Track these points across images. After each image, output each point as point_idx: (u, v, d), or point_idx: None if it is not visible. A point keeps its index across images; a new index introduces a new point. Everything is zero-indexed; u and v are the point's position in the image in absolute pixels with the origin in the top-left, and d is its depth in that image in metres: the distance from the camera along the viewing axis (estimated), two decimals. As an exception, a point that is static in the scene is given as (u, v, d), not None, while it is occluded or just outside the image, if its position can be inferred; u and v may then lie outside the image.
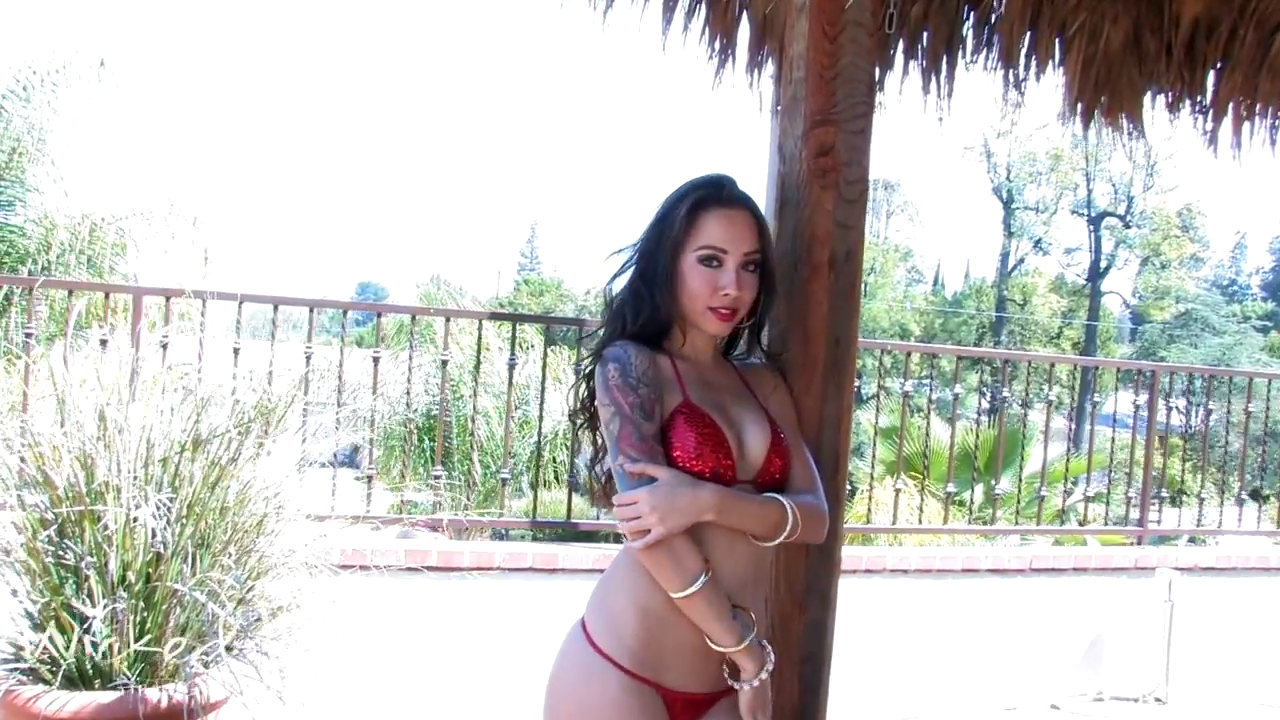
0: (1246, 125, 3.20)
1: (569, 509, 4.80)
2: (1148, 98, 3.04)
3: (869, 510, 6.97)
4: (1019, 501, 6.33)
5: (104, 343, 3.93)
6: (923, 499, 5.82)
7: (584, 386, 2.06)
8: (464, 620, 4.19)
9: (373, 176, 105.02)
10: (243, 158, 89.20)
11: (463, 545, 4.31)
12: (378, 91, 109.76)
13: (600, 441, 2.05)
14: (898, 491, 5.41)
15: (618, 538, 1.93)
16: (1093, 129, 2.99)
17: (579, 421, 2.08)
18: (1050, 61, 2.91)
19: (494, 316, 4.67)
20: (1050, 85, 2.94)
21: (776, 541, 1.93)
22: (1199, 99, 3.11)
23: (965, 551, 5.26)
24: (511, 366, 4.54)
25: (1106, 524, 6.01)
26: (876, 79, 2.13)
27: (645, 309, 1.95)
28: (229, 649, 3.17)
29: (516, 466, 9.94)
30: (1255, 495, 7.59)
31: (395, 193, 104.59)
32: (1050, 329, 40.51)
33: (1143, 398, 5.74)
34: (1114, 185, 40.33)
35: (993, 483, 5.85)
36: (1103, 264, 41.56)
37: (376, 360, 4.27)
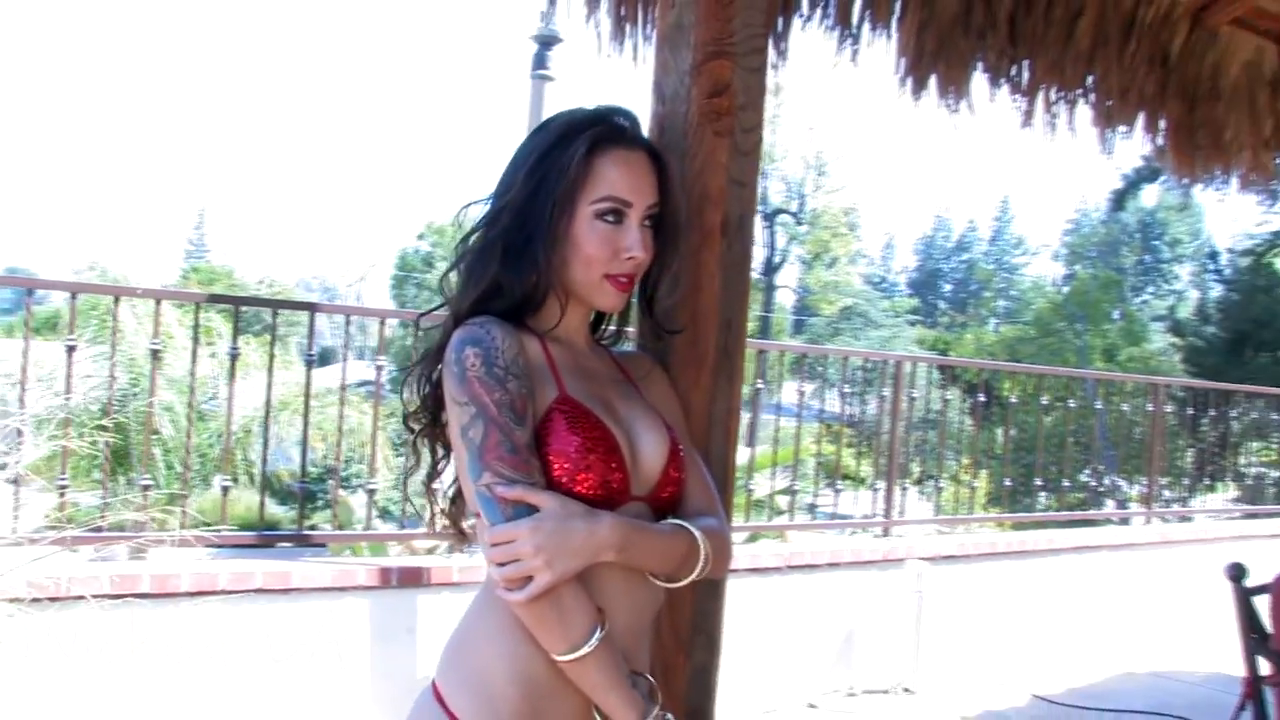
0: (1056, 108, 3.11)
1: (300, 519, 4.21)
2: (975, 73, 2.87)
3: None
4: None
5: None
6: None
7: (422, 379, 1.56)
8: (191, 655, 3.54)
9: (18, 154, 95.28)
10: None
11: (180, 566, 3.63)
12: (22, 65, 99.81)
13: (441, 452, 1.59)
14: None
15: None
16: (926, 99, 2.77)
17: (417, 427, 1.59)
18: (885, 26, 2.66)
19: (214, 299, 3.98)
20: (882, 51, 2.70)
21: (684, 582, 1.53)
22: (1018, 77, 2.97)
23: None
24: (234, 356, 3.89)
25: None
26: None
27: (518, 279, 1.49)
28: None
29: (204, 467, 9.03)
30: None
31: (45, 172, 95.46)
32: (728, 321, 42.10)
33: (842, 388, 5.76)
34: (787, 183, 42.35)
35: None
36: (777, 259, 43.60)
37: (71, 349, 3.50)
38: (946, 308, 61.46)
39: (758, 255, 44.27)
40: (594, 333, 1.66)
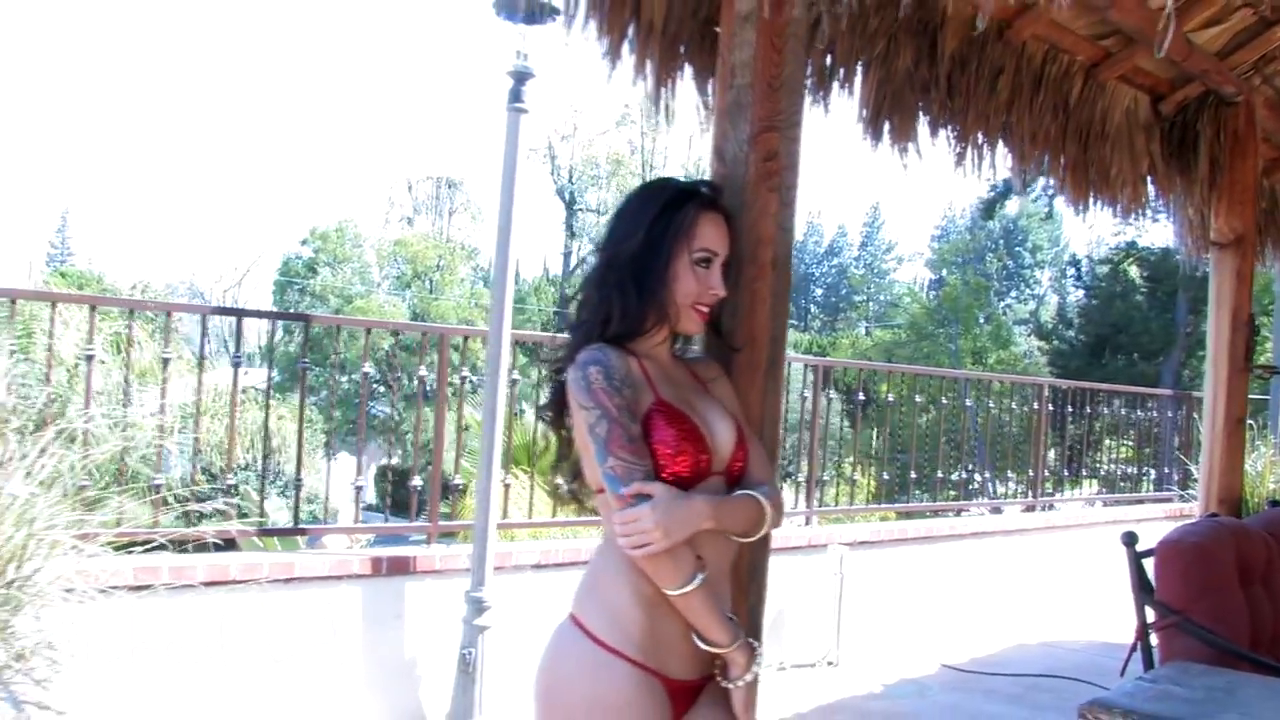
0: (982, 150, 3.68)
1: (295, 516, 4.55)
2: (923, 123, 3.41)
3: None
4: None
5: None
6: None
7: (551, 387, 2.04)
8: (206, 640, 3.87)
9: None
10: None
11: (195, 559, 3.93)
12: None
13: (566, 439, 2.04)
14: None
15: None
16: (884, 145, 3.29)
17: (550, 416, 2.06)
18: (850, 84, 3.18)
19: (218, 311, 4.26)
20: (845, 106, 3.20)
21: (756, 536, 2.01)
22: (955, 126, 3.53)
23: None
24: (236, 365, 4.22)
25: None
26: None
27: (634, 309, 1.96)
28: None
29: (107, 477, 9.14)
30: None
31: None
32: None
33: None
34: (668, 190, 42.97)
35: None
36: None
37: (90, 358, 3.77)
38: (818, 312, 63.05)
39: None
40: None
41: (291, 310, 33.83)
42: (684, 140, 40.85)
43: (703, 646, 1.91)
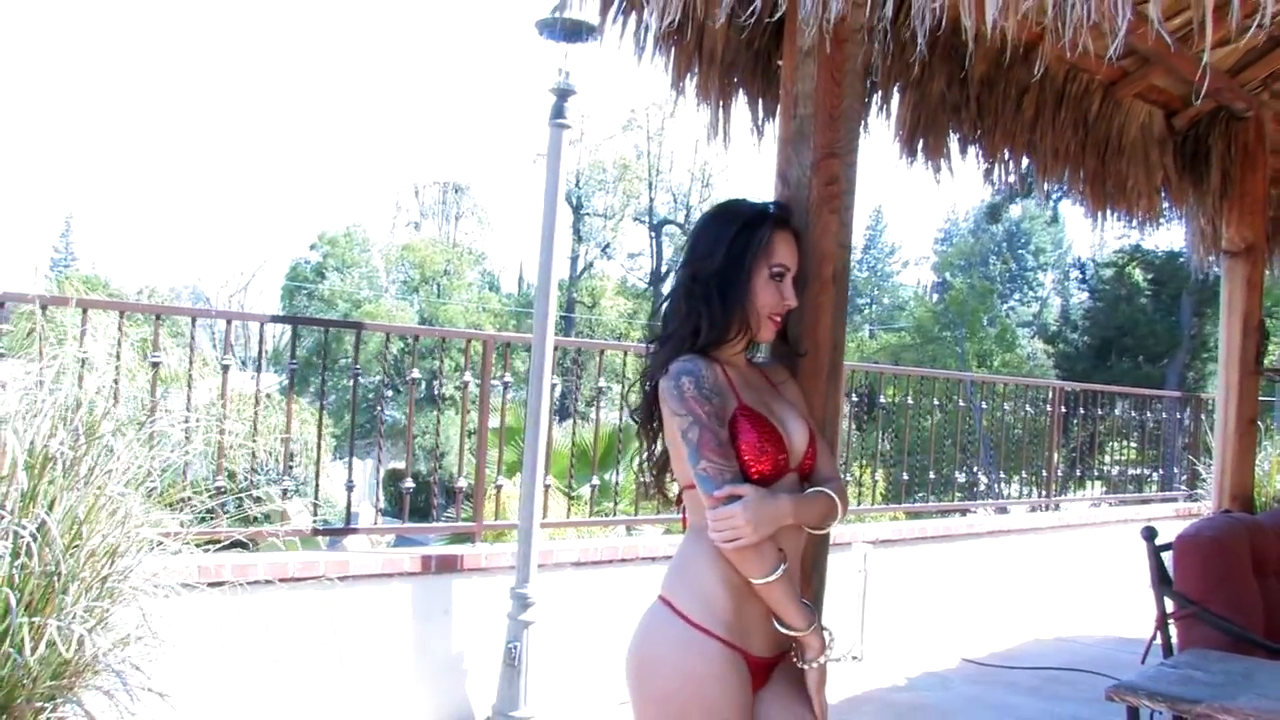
0: (1009, 165, 3.89)
1: (347, 516, 4.74)
2: (953, 140, 3.61)
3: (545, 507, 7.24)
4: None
5: None
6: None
7: (642, 393, 2.26)
8: (267, 634, 4.05)
9: None
10: None
11: (257, 558, 4.13)
12: None
13: (652, 438, 2.26)
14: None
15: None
16: (919, 163, 3.50)
17: (639, 420, 2.27)
18: (887, 106, 3.39)
19: (276, 320, 4.45)
20: (883, 126, 3.41)
21: (826, 530, 2.22)
22: (984, 143, 3.73)
23: (671, 540, 5.60)
24: (293, 372, 4.41)
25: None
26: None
27: (720, 320, 2.16)
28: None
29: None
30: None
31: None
32: (617, 329, 42.89)
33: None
34: (674, 194, 43.38)
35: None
36: (663, 269, 44.50)
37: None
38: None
39: (645, 266, 45.17)
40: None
41: (299, 315, 34.02)
42: (690, 146, 41.09)
43: (782, 630, 2.12)
